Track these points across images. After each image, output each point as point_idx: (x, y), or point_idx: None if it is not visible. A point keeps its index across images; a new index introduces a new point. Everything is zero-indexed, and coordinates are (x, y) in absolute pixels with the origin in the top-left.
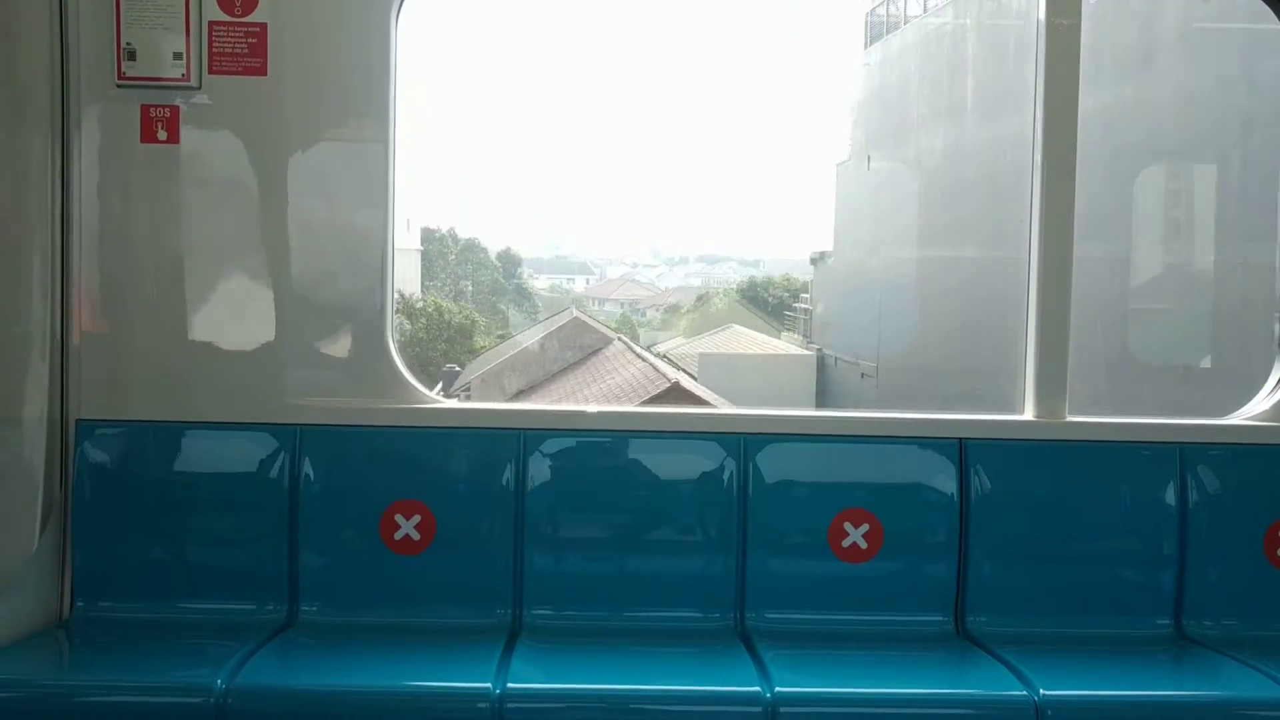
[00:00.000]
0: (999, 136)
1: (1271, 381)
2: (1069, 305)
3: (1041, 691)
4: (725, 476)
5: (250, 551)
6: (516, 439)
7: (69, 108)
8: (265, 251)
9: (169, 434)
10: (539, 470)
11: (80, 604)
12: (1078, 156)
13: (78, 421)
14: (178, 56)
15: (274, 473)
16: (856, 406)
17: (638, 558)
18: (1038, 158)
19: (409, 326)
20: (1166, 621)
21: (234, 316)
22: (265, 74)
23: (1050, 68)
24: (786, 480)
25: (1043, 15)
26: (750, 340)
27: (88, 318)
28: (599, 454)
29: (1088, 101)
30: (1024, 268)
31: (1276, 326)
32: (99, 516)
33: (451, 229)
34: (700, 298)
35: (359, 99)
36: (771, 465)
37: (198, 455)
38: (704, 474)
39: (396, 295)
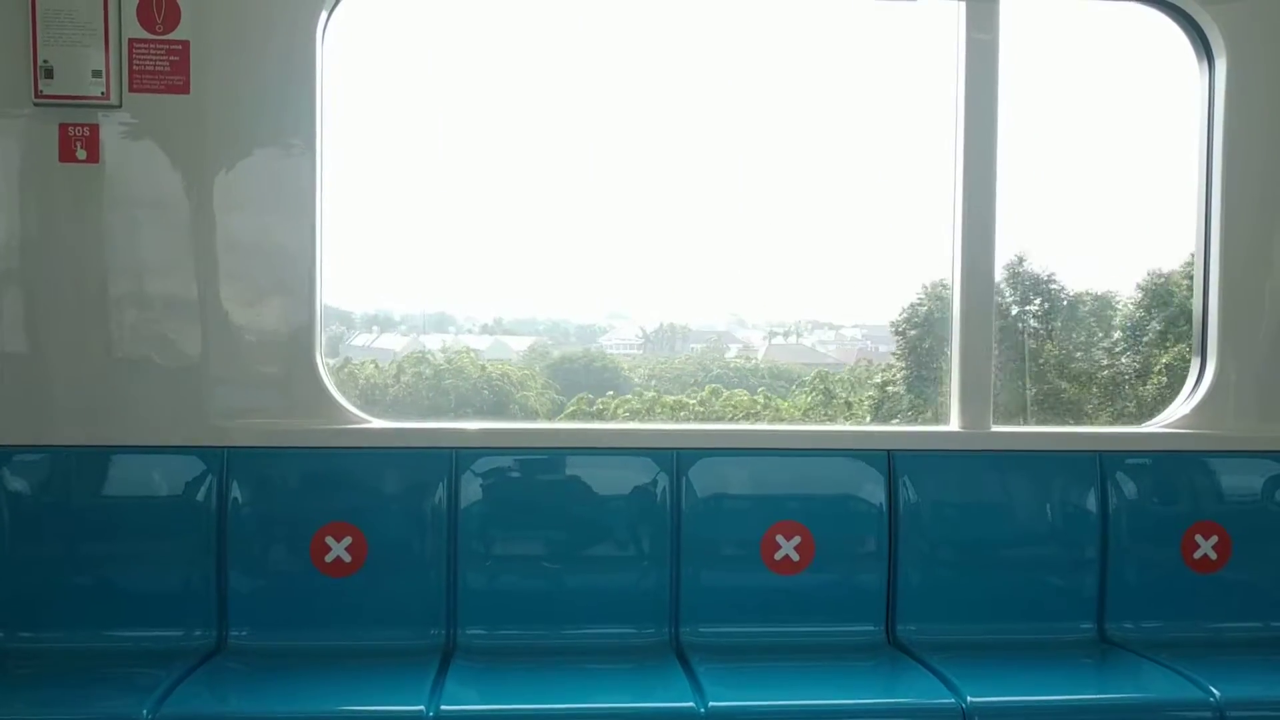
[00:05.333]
0: None
1: (1186, 389)
2: (991, 318)
3: (969, 698)
4: (658, 491)
5: (178, 577)
6: (448, 458)
7: None
8: (190, 271)
9: (92, 459)
10: (471, 489)
11: (0, 635)
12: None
13: None
14: (97, 74)
15: (201, 496)
16: None
17: (572, 575)
18: (959, 171)
19: None
20: (1089, 625)
21: (158, 338)
22: (188, 91)
23: (970, 82)
24: (719, 494)
25: (963, 30)
26: None
27: (6, 340)
28: (532, 471)
29: None
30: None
31: (1193, 335)
32: (19, 544)
33: None
34: None
35: (285, 116)
36: (704, 480)
37: (122, 480)
38: (637, 489)
39: None
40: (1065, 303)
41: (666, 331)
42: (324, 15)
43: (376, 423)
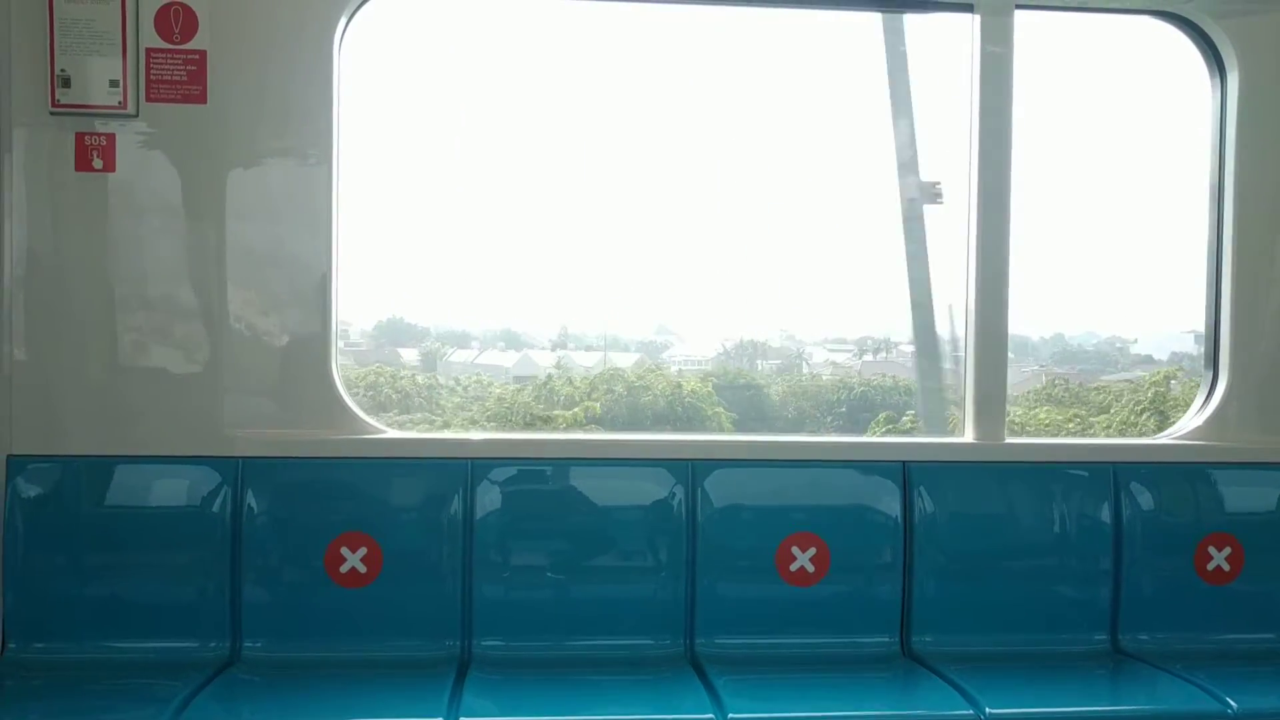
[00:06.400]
0: None
1: (1198, 402)
2: (1006, 331)
3: (987, 710)
4: (674, 503)
5: (192, 587)
6: (464, 468)
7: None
8: (205, 280)
9: (106, 468)
10: (487, 499)
11: (13, 646)
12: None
13: (9, 457)
14: (114, 84)
15: (216, 506)
16: None
17: (587, 586)
18: (973, 184)
19: None
20: (1103, 636)
21: (173, 347)
22: (205, 101)
23: (985, 96)
24: (734, 505)
25: (977, 44)
26: None
27: (19, 350)
28: (547, 482)
29: None
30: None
31: (1203, 346)
32: (32, 555)
33: None
34: None
35: (302, 125)
36: (719, 491)
37: (136, 490)
38: (653, 500)
39: None
40: None
41: (747, 347)
42: (342, 24)
43: (392, 433)
